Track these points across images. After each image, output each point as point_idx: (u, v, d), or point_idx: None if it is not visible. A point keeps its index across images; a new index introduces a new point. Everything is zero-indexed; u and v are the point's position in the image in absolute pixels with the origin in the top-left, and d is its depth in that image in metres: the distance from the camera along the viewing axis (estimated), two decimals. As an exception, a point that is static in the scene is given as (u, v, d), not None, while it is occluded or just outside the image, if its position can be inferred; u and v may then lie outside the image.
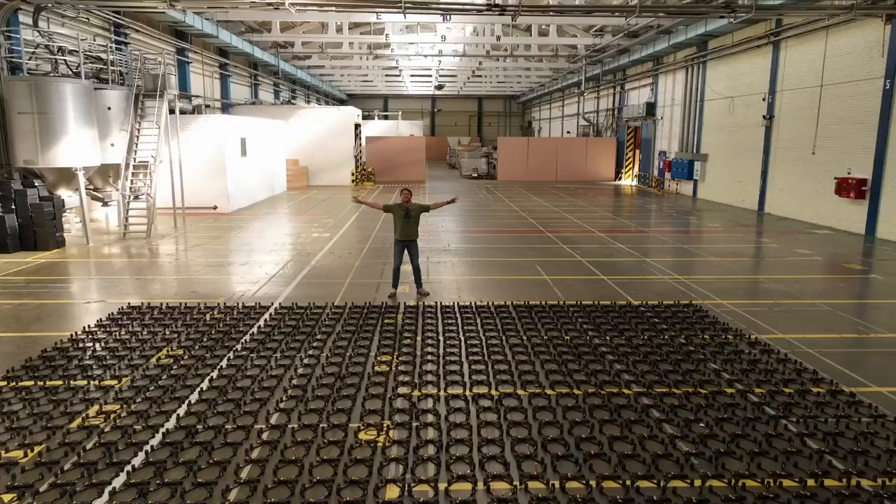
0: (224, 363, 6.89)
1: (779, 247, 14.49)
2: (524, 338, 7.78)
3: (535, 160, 35.79)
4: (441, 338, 7.80)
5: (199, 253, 13.57)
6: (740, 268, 12.21)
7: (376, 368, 6.76)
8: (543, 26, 31.72)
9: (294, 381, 6.38)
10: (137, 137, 16.01)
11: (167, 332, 7.91)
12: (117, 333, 7.85)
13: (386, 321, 8.46)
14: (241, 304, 9.17)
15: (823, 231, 16.81)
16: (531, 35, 31.74)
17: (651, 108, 30.90)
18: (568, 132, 46.48)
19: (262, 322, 8.39)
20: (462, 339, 7.76)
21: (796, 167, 19.18)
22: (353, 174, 31.55)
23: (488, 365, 6.83)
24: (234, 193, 20.56)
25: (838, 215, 17.10)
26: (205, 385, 6.27)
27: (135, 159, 15.83)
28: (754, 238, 16.00)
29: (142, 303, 9.23)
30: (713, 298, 9.81)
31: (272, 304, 9.26)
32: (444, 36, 30.92)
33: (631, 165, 35.07)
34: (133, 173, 15.82)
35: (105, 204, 16.41)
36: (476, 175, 37.39)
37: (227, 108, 29.84)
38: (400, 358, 7.06)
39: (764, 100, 20.81)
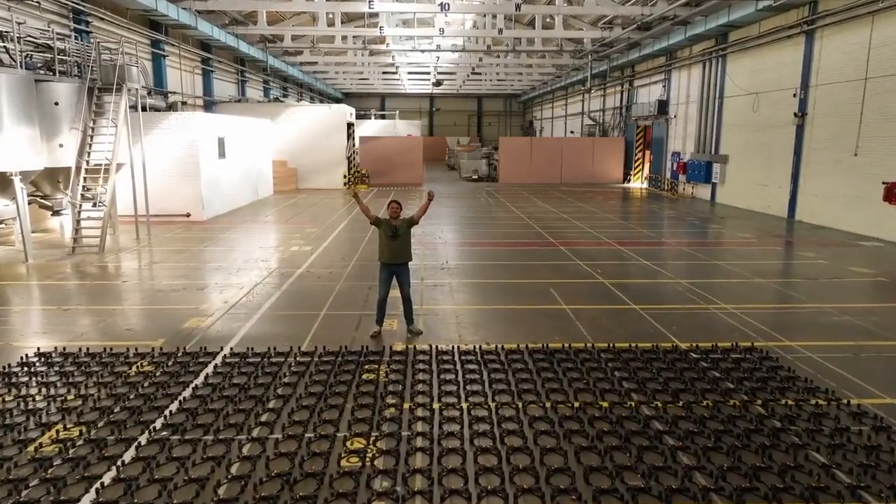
0: (130, 453, 4.90)
1: (828, 263, 12.53)
2: (547, 405, 5.81)
3: (538, 161, 33.83)
4: (436, 405, 5.82)
5: (155, 272, 11.59)
6: (794, 292, 10.24)
7: (343, 463, 4.78)
8: (548, 19, 29.80)
9: (222, 490, 4.40)
10: (91, 137, 14.02)
11: (71, 396, 5.93)
12: (1, 399, 5.87)
13: (365, 376, 6.48)
14: (182, 349, 7.19)
15: (872, 243, 14.84)
16: (535, 28, 29.79)
17: (663, 105, 28.94)
18: (571, 132, 44.56)
19: (202, 378, 6.41)
20: (464, 407, 5.78)
21: (834, 170, 17.21)
22: (345, 176, 29.57)
23: (502, 458, 4.85)
24: (209, 199, 18.57)
25: (888, 225, 15.13)
26: (89, 499, 4.29)
27: (88, 162, 13.84)
28: (794, 251, 14.04)
29: (55, 347, 7.24)
30: (777, 338, 7.84)
31: (222, 348, 7.28)
32: (442, 29, 28.91)
33: (640, 167, 33.11)
34: (90, 178, 13.84)
35: (56, 213, 14.41)
36: (476, 177, 35.42)
37: (210, 105, 27.86)
38: (378, 443, 5.09)
39: (795, 96, 18.84)
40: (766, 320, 8.57)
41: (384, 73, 46.68)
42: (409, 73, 46.55)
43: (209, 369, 6.65)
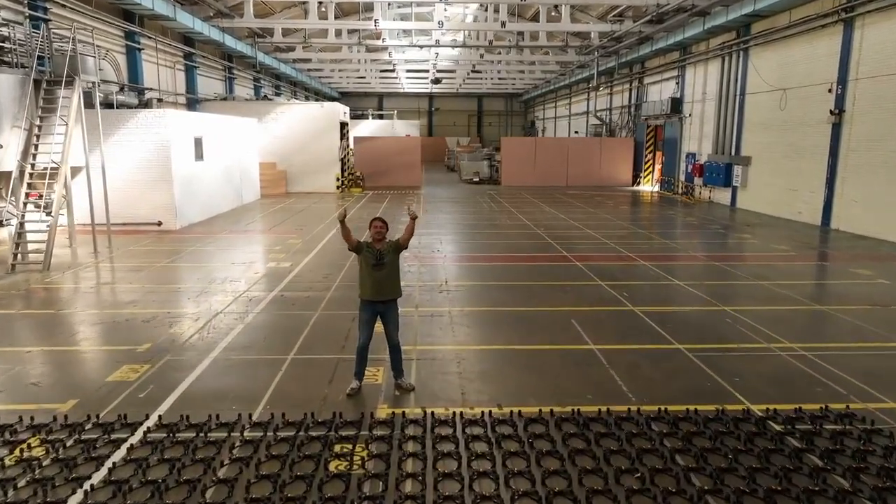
0: None
1: (890, 283, 10.73)
2: (592, 522, 4.02)
3: (543, 163, 32.04)
4: (431, 523, 4.04)
5: (100, 297, 9.80)
6: (868, 324, 8.42)
7: None
8: (553, 12, 28.05)
9: None
10: (38, 137, 12.24)
11: None
12: None
13: (333, 466, 4.69)
14: (93, 418, 5.41)
15: (929, 257, 13.08)
16: (539, 22, 28.05)
17: (676, 103, 27.16)
18: (576, 132, 42.81)
19: (106, 469, 4.61)
20: (472, 527, 3.99)
21: (878, 173, 15.43)
22: (338, 179, 27.78)
23: None
24: (183, 206, 16.76)
25: (947, 236, 13.39)
26: None
27: (33, 165, 12.06)
28: (844, 267, 12.23)
29: (-76, 416, 5.46)
30: (876, 396, 6.05)
31: (148, 416, 5.48)
32: (441, 22, 27.12)
33: (651, 169, 31.33)
34: (42, 183, 12.06)
35: (-1, 224, 12.62)
36: (477, 179, 33.62)
37: (193, 103, 26.08)
38: None
39: (830, 91, 17.06)
40: (851, 367, 6.78)
41: (382, 71, 44.99)
42: (408, 70, 44.86)
43: (121, 453, 4.85)
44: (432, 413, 5.53)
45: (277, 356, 7.03)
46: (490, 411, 5.59)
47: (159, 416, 5.46)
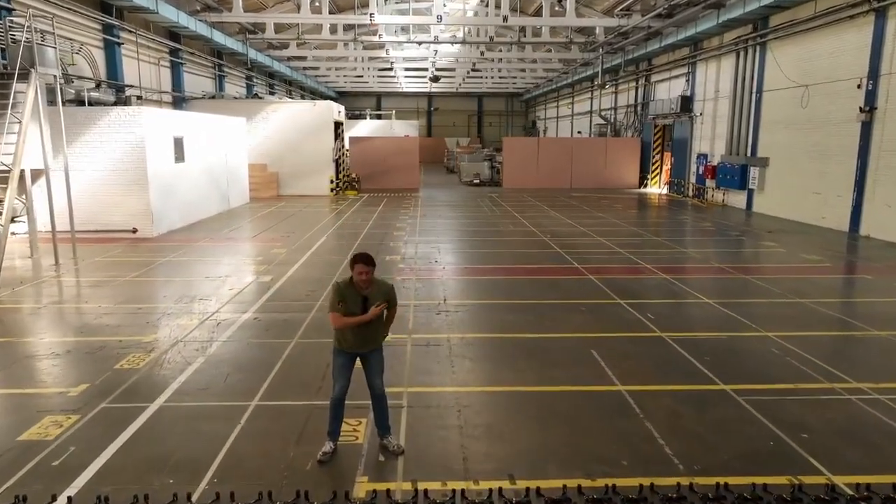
0: None
1: (947, 301, 9.50)
2: None
3: (546, 164, 30.79)
4: None
5: (42, 322, 8.52)
6: (937, 354, 7.19)
7: None
8: (557, 7, 26.80)
9: None
10: (-12, 136, 11.00)
11: None
12: None
13: (287, 584, 3.43)
14: (-17, 501, 4.15)
15: (980, 269, 11.82)
16: (542, 17, 26.81)
17: (686, 102, 25.90)
18: (579, 132, 41.57)
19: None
20: None
21: (915, 176, 14.22)
22: (332, 181, 26.51)
23: None
24: (161, 211, 15.48)
25: None
26: None
27: (-17, 168, 10.81)
28: (889, 282, 10.93)
29: None
30: (982, 459, 4.80)
31: (53, 499, 4.20)
32: (440, 17, 25.86)
33: (658, 171, 30.08)
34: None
35: (-53, 233, 11.35)
36: (478, 181, 32.34)
37: (179, 102, 24.83)
38: None
39: (859, 87, 15.80)
40: (939, 417, 5.52)
41: (380, 70, 43.80)
42: (406, 69, 43.65)
43: (4, 560, 3.59)
44: (425, 492, 4.26)
45: (238, 402, 5.77)
46: (500, 488, 4.31)
47: (69, 499, 4.18)
